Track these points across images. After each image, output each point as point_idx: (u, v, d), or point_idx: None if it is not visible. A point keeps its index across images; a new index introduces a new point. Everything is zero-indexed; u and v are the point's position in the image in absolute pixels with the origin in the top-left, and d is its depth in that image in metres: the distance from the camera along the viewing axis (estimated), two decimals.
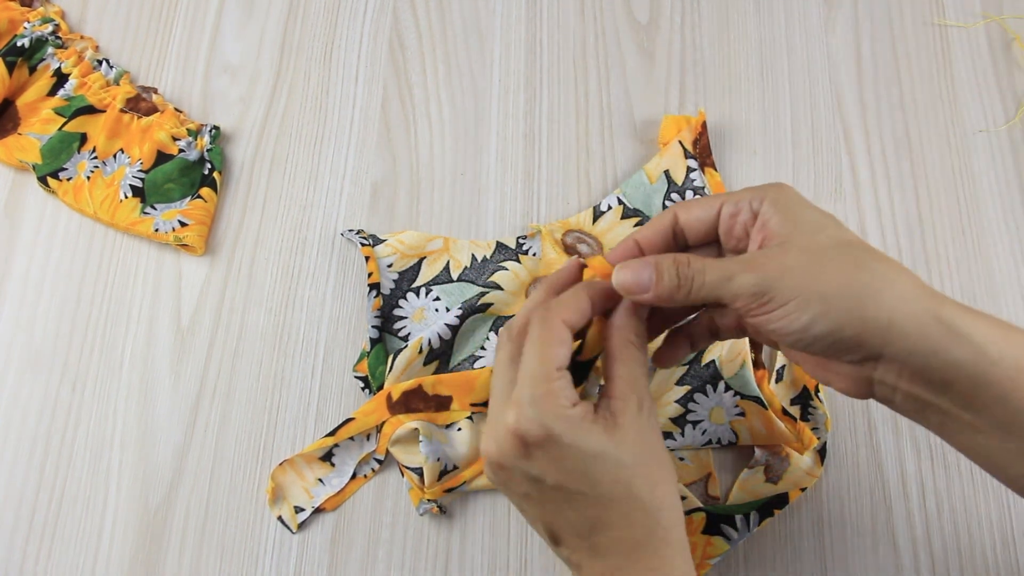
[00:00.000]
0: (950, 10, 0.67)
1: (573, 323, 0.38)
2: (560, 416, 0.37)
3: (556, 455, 0.37)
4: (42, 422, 0.54)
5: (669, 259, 0.38)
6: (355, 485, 0.53)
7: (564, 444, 0.36)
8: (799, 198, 0.39)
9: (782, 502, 0.51)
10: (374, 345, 0.54)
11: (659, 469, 0.38)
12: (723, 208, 0.40)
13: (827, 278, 0.35)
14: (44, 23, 0.61)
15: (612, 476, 0.37)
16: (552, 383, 0.37)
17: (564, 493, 0.37)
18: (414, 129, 0.62)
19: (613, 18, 0.66)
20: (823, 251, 0.36)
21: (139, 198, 0.58)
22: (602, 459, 0.37)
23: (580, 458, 0.37)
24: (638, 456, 0.37)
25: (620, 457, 0.37)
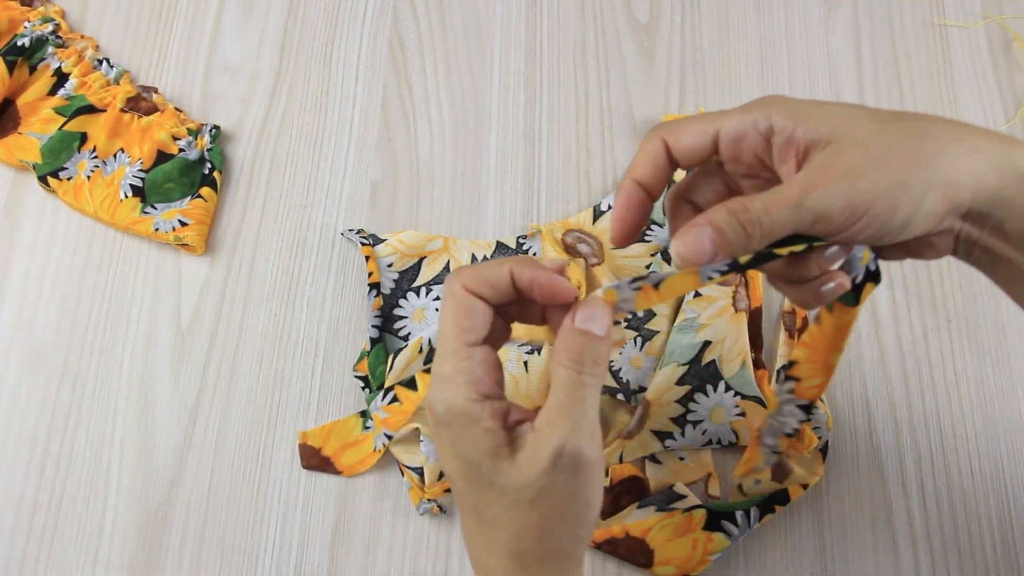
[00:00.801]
0: (950, 10, 0.67)
1: (481, 294, 0.34)
2: (455, 406, 0.32)
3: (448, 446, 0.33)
4: (42, 422, 0.54)
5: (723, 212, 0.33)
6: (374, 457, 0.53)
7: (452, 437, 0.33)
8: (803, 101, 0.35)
9: (783, 499, 0.51)
10: (374, 345, 0.54)
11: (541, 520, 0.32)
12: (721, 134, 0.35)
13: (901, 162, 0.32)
14: (44, 23, 0.61)
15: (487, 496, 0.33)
16: (459, 362, 0.32)
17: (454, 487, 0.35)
18: (414, 129, 0.62)
19: (613, 18, 0.66)
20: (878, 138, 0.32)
21: (139, 198, 0.58)
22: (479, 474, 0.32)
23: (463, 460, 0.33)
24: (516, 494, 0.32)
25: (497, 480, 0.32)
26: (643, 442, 0.53)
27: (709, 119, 0.36)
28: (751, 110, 0.35)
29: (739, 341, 0.54)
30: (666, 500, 0.51)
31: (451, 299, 0.34)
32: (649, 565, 0.50)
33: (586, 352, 0.32)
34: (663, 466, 0.53)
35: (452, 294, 0.34)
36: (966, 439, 0.55)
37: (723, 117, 0.35)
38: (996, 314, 0.58)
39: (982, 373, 0.56)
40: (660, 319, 0.55)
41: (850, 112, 0.33)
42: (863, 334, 0.57)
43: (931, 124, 0.33)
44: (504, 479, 0.32)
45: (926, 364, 0.57)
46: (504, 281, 0.34)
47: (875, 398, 0.56)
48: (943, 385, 0.56)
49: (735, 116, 0.35)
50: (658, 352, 0.54)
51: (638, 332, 0.54)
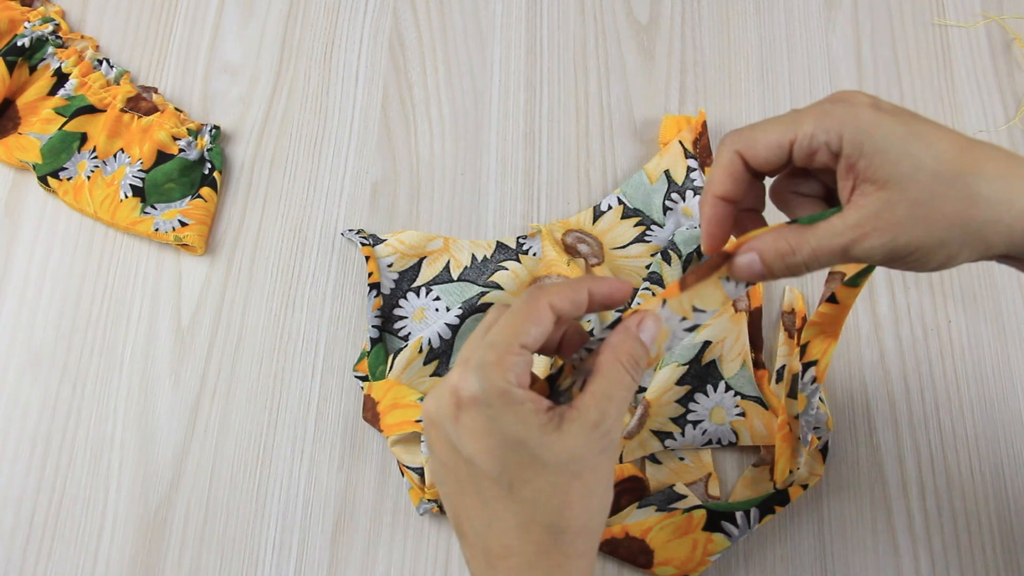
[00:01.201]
0: (950, 10, 0.67)
1: (560, 309, 0.35)
2: (497, 387, 0.33)
3: (481, 425, 0.33)
4: (42, 422, 0.54)
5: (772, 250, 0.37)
6: None
7: (491, 415, 0.33)
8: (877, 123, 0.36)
9: (783, 500, 0.51)
10: (374, 345, 0.54)
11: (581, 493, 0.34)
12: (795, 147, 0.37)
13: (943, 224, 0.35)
14: (44, 23, 0.61)
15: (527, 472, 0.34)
16: (508, 355, 0.34)
17: (474, 472, 0.34)
18: (414, 129, 0.62)
19: (613, 18, 0.66)
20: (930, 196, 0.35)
21: (139, 198, 0.58)
22: (522, 450, 0.33)
23: (501, 438, 0.33)
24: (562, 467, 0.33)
25: (543, 455, 0.33)
26: (643, 442, 0.53)
27: (784, 127, 0.37)
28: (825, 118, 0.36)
29: (739, 341, 0.54)
30: (666, 500, 0.51)
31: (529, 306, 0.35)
32: (649, 565, 0.50)
33: (640, 357, 0.36)
34: (663, 466, 0.53)
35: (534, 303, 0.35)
36: (966, 439, 0.55)
37: (798, 125, 0.37)
38: (996, 314, 0.58)
39: (982, 373, 0.56)
40: None
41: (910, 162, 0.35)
42: (863, 334, 0.57)
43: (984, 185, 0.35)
44: (551, 454, 0.33)
45: (926, 364, 0.57)
46: (583, 299, 0.36)
47: (875, 398, 0.56)
48: (943, 385, 0.56)
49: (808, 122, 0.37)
50: None
51: None
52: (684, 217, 0.58)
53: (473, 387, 0.33)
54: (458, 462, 0.35)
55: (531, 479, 0.33)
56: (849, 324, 0.57)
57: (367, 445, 0.54)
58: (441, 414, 0.35)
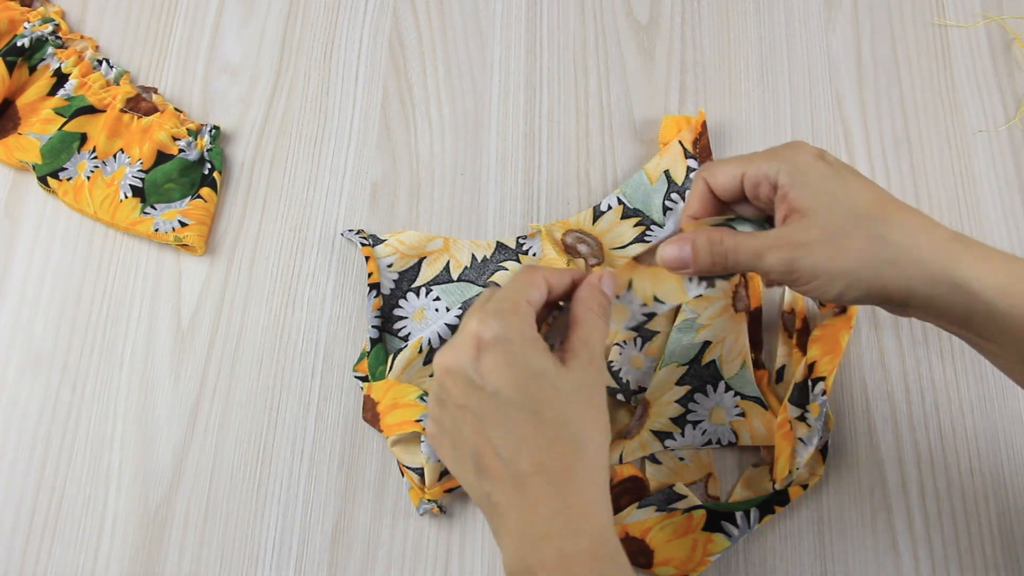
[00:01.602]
0: (950, 10, 0.67)
1: (551, 284, 0.42)
2: (517, 327, 0.39)
3: (504, 360, 0.38)
4: (42, 422, 0.54)
5: (704, 238, 0.43)
6: None
7: (513, 351, 0.38)
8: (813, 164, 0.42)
9: (783, 499, 0.51)
10: (374, 345, 0.54)
11: (593, 414, 0.40)
12: (745, 178, 0.44)
13: (847, 256, 0.40)
14: (44, 23, 0.61)
15: (549, 397, 0.38)
16: (520, 305, 0.40)
17: (500, 404, 0.38)
18: (414, 129, 0.62)
19: (613, 18, 0.66)
20: (841, 228, 0.40)
21: (139, 198, 0.58)
22: (543, 378, 0.38)
23: (524, 369, 0.38)
24: (575, 392, 0.39)
25: (559, 383, 0.38)
26: (643, 442, 0.53)
27: (740, 163, 0.44)
28: (772, 157, 0.43)
29: (739, 341, 0.54)
30: (666, 500, 0.51)
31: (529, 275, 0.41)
32: (649, 565, 0.50)
33: (606, 306, 0.42)
34: (663, 466, 0.53)
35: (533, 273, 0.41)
36: (966, 439, 0.55)
37: (750, 162, 0.44)
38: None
39: (982, 373, 0.56)
40: (660, 319, 0.55)
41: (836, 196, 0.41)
42: (863, 334, 0.57)
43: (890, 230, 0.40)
44: (565, 383, 0.39)
45: (926, 364, 0.57)
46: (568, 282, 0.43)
47: (875, 398, 0.56)
48: (943, 385, 0.56)
49: (759, 159, 0.43)
50: (658, 352, 0.54)
51: (638, 332, 0.54)
52: None
53: (495, 328, 0.38)
54: (482, 399, 0.38)
55: (553, 403, 0.38)
56: None
57: (367, 445, 0.54)
58: (460, 360, 0.39)
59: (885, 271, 0.40)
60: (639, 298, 0.45)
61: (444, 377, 0.40)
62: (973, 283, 0.39)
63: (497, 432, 0.38)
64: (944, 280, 0.39)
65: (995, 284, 0.39)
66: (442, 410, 0.41)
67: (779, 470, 0.51)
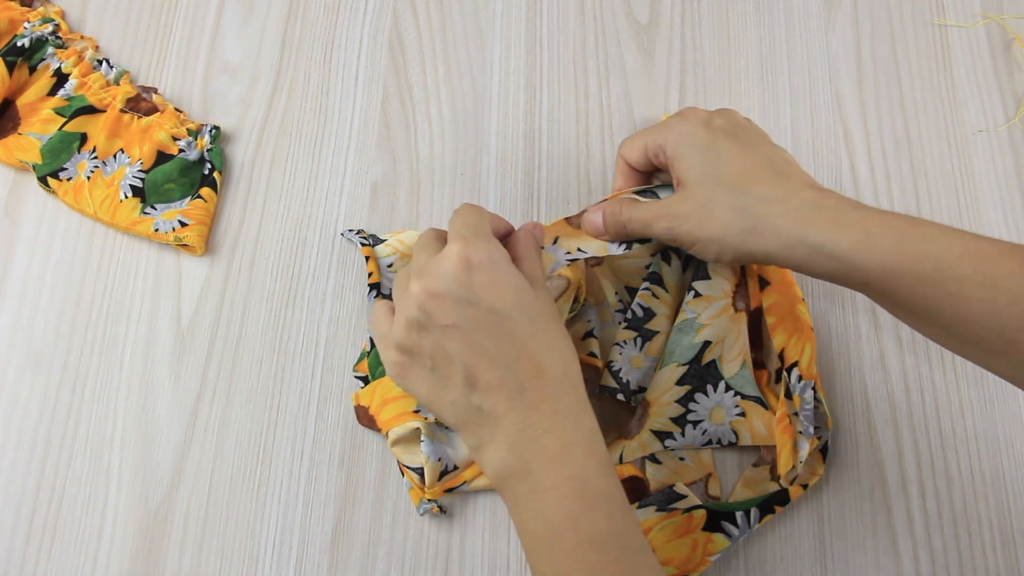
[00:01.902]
0: (950, 10, 0.67)
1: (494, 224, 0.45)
2: (500, 249, 0.42)
3: (496, 279, 0.41)
4: (42, 422, 0.54)
5: (609, 209, 0.49)
6: None
7: (502, 270, 0.41)
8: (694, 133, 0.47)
9: (783, 499, 0.51)
10: (374, 345, 0.54)
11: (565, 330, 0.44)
12: (646, 150, 0.49)
13: (715, 225, 0.45)
14: (44, 23, 0.61)
15: (539, 308, 0.42)
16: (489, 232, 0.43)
17: (497, 317, 0.41)
18: (414, 129, 0.62)
19: (613, 18, 0.66)
20: (710, 199, 0.45)
21: (139, 198, 0.58)
22: (528, 293, 0.42)
23: (514, 284, 0.41)
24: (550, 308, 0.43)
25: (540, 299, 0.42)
26: (643, 442, 0.53)
27: (643, 136, 0.50)
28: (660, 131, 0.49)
29: (739, 341, 0.54)
30: (666, 500, 0.51)
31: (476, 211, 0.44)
32: None
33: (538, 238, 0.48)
34: (663, 466, 0.53)
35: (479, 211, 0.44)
36: (966, 439, 0.55)
37: (649, 134, 0.49)
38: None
39: (982, 373, 0.56)
40: (660, 319, 0.55)
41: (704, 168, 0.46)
42: (863, 334, 0.57)
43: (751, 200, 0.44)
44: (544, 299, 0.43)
45: (926, 364, 0.57)
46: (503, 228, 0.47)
47: (875, 398, 0.56)
48: (943, 385, 0.56)
49: (653, 133, 0.49)
50: (658, 352, 0.54)
51: (638, 332, 0.54)
52: None
53: (484, 251, 0.41)
54: (477, 314, 0.41)
55: (543, 314, 0.42)
56: (849, 324, 0.57)
57: (367, 445, 0.54)
58: (450, 282, 0.41)
59: (747, 238, 0.44)
60: (563, 248, 0.50)
61: (427, 301, 0.41)
62: (826, 245, 0.42)
63: (496, 343, 0.41)
64: (799, 244, 0.43)
65: (847, 243, 0.42)
66: (421, 335, 0.42)
67: (782, 464, 0.51)
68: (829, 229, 0.43)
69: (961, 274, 0.40)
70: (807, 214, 0.43)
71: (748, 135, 0.48)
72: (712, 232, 0.45)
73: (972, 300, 0.40)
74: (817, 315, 0.58)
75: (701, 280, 0.54)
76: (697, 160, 0.46)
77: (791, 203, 0.44)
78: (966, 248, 0.40)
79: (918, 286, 0.41)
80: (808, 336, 0.53)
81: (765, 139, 0.49)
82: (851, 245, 0.42)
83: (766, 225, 0.44)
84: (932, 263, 0.40)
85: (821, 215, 0.43)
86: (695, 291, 0.54)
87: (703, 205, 0.45)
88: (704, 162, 0.46)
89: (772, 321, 0.54)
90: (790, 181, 0.45)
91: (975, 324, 0.40)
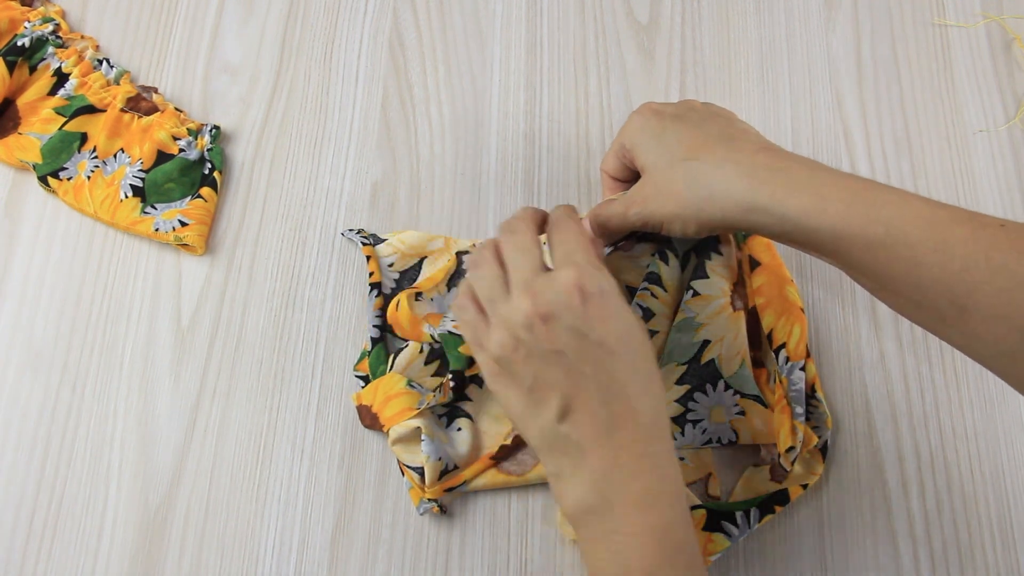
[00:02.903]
0: (950, 10, 0.67)
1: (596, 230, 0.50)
2: (611, 281, 0.42)
3: (607, 311, 0.40)
4: (42, 422, 0.54)
5: (592, 214, 0.51)
6: None
7: (614, 303, 0.41)
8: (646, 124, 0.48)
9: (783, 499, 0.51)
10: (375, 345, 0.54)
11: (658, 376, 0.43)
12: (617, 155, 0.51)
13: (674, 200, 0.46)
14: (44, 23, 0.61)
15: (643, 351, 0.41)
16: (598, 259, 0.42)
17: (603, 351, 0.40)
18: (414, 129, 0.62)
19: (613, 18, 0.66)
20: (667, 177, 0.46)
21: (139, 198, 0.58)
22: (636, 328, 0.41)
23: (624, 319, 0.41)
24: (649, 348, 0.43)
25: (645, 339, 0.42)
26: None
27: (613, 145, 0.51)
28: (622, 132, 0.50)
29: (738, 340, 0.54)
30: None
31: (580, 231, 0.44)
32: None
33: None
34: None
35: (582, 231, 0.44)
36: (966, 439, 0.55)
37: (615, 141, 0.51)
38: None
39: (982, 373, 0.56)
40: (659, 319, 0.55)
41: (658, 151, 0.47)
42: (863, 334, 0.57)
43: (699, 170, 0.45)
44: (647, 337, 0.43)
45: (926, 364, 0.57)
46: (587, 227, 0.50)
47: (875, 398, 0.56)
48: (943, 385, 0.56)
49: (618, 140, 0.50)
50: (657, 352, 0.54)
51: None
52: None
53: (598, 281, 0.41)
54: (585, 346, 0.40)
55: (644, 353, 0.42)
56: (849, 324, 0.57)
57: (367, 445, 0.54)
58: (562, 308, 0.40)
59: (704, 207, 0.45)
60: None
61: (536, 322, 0.40)
62: (778, 208, 0.43)
63: (597, 379, 0.40)
64: (753, 207, 0.43)
65: (799, 206, 0.42)
66: (524, 356, 0.41)
67: (781, 442, 0.51)
68: (781, 191, 0.43)
69: (913, 239, 0.40)
70: (760, 175, 0.43)
71: (699, 115, 0.49)
72: (673, 207, 0.46)
73: (924, 265, 0.40)
74: (817, 315, 0.58)
75: (699, 279, 0.54)
76: (652, 145, 0.48)
77: (743, 165, 0.44)
78: (918, 213, 0.40)
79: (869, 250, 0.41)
80: (798, 317, 0.53)
81: (720, 116, 0.49)
82: (803, 208, 0.42)
83: (720, 190, 0.44)
84: (883, 228, 0.40)
85: (774, 177, 0.43)
86: (693, 290, 0.54)
87: (662, 184, 0.46)
88: (658, 146, 0.47)
89: (761, 302, 0.54)
90: (742, 144, 0.46)
91: (928, 290, 0.40)
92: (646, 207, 0.47)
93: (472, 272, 0.44)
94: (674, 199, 0.46)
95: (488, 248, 0.44)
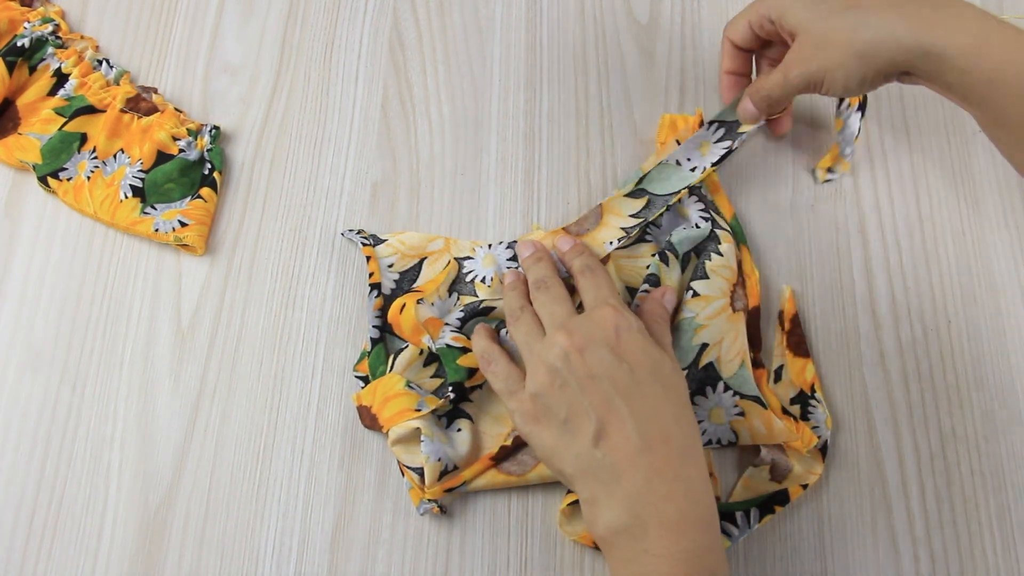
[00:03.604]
0: None
1: None
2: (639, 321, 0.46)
3: (640, 345, 0.45)
4: (42, 422, 0.54)
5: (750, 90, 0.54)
6: None
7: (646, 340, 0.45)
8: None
9: (783, 499, 0.51)
10: (375, 345, 0.54)
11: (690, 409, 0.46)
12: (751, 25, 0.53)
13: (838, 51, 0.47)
14: (44, 23, 0.61)
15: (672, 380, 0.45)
16: None
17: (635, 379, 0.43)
18: (414, 129, 0.62)
19: (613, 18, 0.66)
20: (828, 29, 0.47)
21: (139, 198, 0.58)
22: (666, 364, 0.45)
23: (654, 355, 0.45)
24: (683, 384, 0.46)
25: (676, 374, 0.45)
26: None
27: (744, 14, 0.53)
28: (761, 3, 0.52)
29: (737, 341, 0.54)
30: None
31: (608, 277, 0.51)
32: None
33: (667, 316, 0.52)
34: None
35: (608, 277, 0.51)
36: (966, 439, 0.55)
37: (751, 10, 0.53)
38: (996, 314, 0.58)
39: (982, 373, 0.56)
40: None
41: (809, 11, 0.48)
42: (863, 334, 0.57)
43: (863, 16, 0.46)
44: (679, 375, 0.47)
45: (926, 364, 0.57)
46: None
47: (875, 398, 0.56)
48: (943, 385, 0.56)
49: (756, 8, 0.52)
50: None
51: None
52: (680, 217, 0.58)
53: (631, 321, 0.46)
54: (618, 373, 0.43)
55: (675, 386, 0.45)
56: (849, 324, 0.57)
57: (367, 445, 0.54)
58: (598, 340, 0.44)
59: (868, 51, 0.46)
60: None
61: (572, 352, 0.44)
62: (938, 48, 0.44)
63: (630, 403, 0.42)
64: (916, 49, 0.45)
65: (959, 45, 0.44)
66: (560, 386, 0.44)
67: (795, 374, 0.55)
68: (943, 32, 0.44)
69: None
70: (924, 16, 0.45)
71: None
72: (838, 57, 0.47)
73: None
74: (817, 315, 0.58)
75: (699, 280, 0.54)
76: (805, 3, 0.49)
77: (905, 8, 0.45)
78: None
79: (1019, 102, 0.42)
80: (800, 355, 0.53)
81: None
82: (962, 47, 0.43)
83: (885, 34, 0.45)
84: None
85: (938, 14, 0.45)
86: (693, 291, 0.54)
87: (820, 38, 0.47)
88: (810, 4, 0.48)
89: None
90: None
91: None
92: (808, 65, 0.48)
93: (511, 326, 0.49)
94: (838, 49, 0.46)
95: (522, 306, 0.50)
